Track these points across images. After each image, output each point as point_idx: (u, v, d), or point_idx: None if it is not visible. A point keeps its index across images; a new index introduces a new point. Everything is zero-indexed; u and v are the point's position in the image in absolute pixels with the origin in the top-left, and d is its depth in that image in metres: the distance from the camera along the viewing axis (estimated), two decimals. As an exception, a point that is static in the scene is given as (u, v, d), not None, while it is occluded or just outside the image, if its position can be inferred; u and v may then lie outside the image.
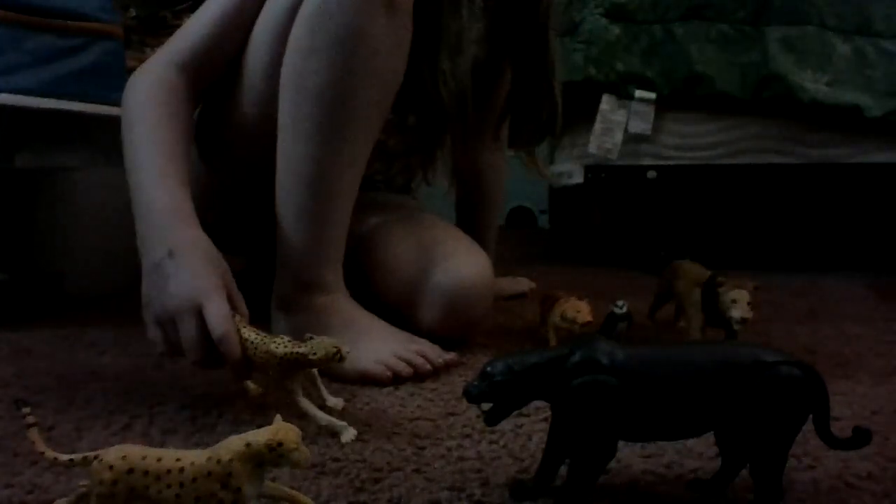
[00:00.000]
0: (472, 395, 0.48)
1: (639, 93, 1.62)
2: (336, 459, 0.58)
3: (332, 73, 0.80)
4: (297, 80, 0.81)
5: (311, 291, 0.85)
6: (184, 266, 0.69)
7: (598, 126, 1.64)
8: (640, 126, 1.63)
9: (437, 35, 0.97)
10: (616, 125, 1.64)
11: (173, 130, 0.83)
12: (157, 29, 2.00)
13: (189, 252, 0.71)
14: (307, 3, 0.81)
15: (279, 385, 0.64)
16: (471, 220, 1.31)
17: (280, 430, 0.42)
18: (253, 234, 0.80)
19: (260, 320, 0.86)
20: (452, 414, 0.69)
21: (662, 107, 1.63)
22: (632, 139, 1.65)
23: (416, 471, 0.56)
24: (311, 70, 0.80)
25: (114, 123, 1.33)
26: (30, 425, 0.46)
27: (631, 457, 0.58)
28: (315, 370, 0.67)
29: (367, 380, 0.78)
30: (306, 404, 0.63)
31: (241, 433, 0.43)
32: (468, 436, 0.63)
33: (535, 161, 1.19)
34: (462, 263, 0.94)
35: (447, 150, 1.15)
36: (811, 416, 0.47)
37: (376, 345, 0.80)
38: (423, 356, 0.82)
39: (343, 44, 0.79)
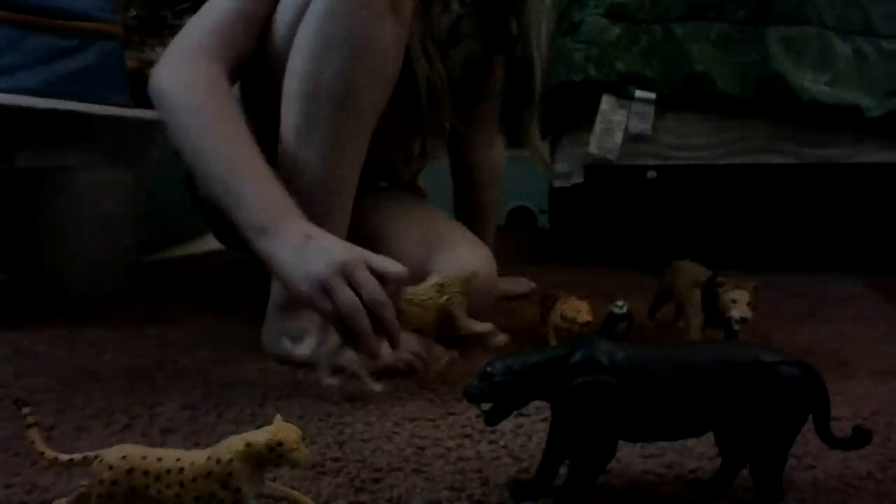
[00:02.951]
0: (472, 395, 0.48)
1: (639, 93, 1.62)
2: (336, 459, 0.58)
3: (343, 76, 0.82)
4: (308, 83, 0.83)
5: None
6: (328, 241, 0.73)
7: (598, 126, 1.64)
8: (640, 126, 1.63)
9: (429, 28, 0.98)
10: (616, 125, 1.63)
11: (238, 122, 0.83)
12: (157, 29, 2.00)
13: (325, 234, 0.74)
14: (315, 2, 0.83)
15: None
16: (468, 216, 1.31)
17: (280, 430, 0.42)
18: None
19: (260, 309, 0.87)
20: (452, 414, 0.69)
21: (662, 107, 1.63)
22: (632, 139, 1.65)
23: (416, 471, 0.56)
24: (323, 73, 0.82)
25: (114, 123, 1.34)
26: (30, 425, 0.46)
27: (631, 457, 0.58)
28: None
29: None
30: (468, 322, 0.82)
31: (241, 433, 0.43)
32: (468, 436, 0.63)
33: (536, 148, 1.18)
34: (465, 255, 0.94)
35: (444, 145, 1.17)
36: (811, 416, 0.47)
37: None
38: (421, 359, 0.83)
39: (353, 48, 0.82)
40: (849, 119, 1.59)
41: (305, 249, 0.72)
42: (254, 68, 0.94)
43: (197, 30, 0.91)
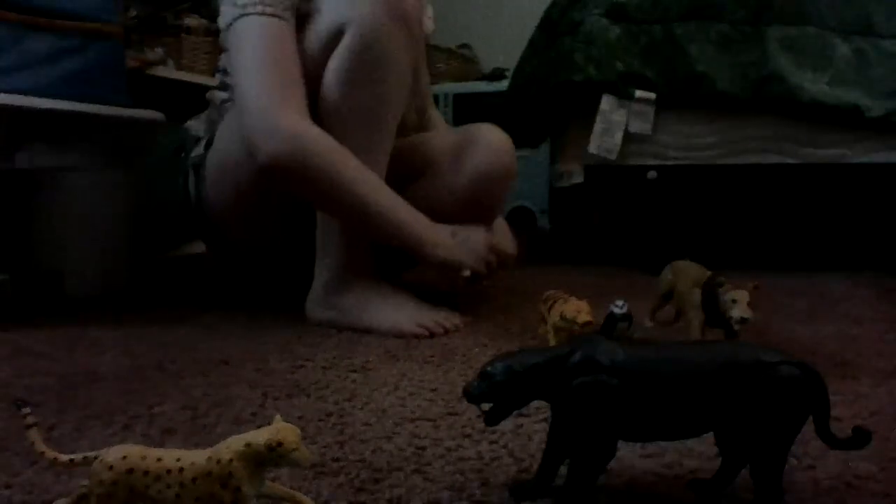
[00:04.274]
0: (472, 395, 0.48)
1: (639, 93, 1.62)
2: (336, 459, 0.58)
3: (373, 101, 1.01)
4: (343, 109, 1.00)
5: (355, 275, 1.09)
6: (464, 230, 1.08)
7: (598, 126, 1.64)
8: (640, 126, 1.63)
9: None
10: (616, 125, 1.63)
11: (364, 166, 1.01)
12: (157, 29, 2.00)
13: (457, 227, 1.07)
14: (346, 41, 0.98)
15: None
16: None
17: (280, 430, 0.42)
18: (300, 231, 1.11)
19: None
20: (452, 414, 0.69)
21: (662, 107, 1.63)
22: (632, 139, 1.65)
23: (416, 471, 0.56)
24: (356, 100, 1.00)
25: (113, 123, 1.34)
26: (30, 425, 0.46)
27: (631, 457, 0.58)
28: None
29: (404, 336, 1.01)
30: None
31: (241, 433, 0.43)
32: (468, 436, 0.63)
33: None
34: (493, 126, 1.19)
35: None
36: (811, 416, 0.47)
37: (408, 312, 1.06)
38: (440, 324, 1.04)
39: (380, 76, 0.99)
40: (849, 119, 1.59)
41: (456, 240, 1.05)
42: None
43: (276, 90, 0.98)
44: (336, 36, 0.99)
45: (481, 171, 1.14)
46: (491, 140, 1.16)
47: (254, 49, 0.98)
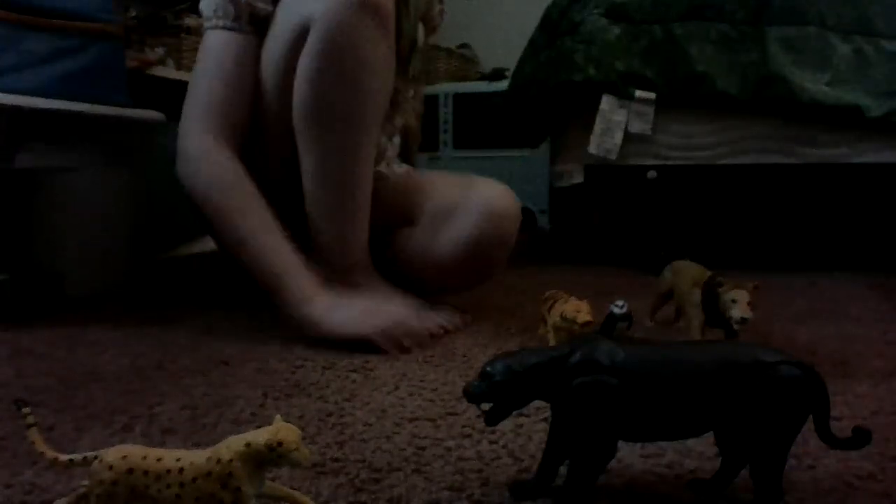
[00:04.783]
0: (472, 395, 0.48)
1: (639, 93, 1.62)
2: (336, 459, 0.58)
3: (348, 99, 0.95)
4: (319, 112, 0.96)
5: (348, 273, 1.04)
6: (390, 306, 0.97)
7: (598, 126, 1.64)
8: (640, 126, 1.63)
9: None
10: (616, 125, 1.64)
11: (264, 209, 0.99)
12: (157, 29, 2.00)
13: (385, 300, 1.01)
14: (312, 39, 0.93)
15: None
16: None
17: (280, 430, 0.42)
18: (296, 231, 1.02)
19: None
20: (452, 414, 0.69)
21: (662, 107, 1.63)
22: (632, 139, 1.65)
23: (416, 471, 0.56)
24: (329, 100, 0.95)
25: (114, 123, 1.34)
26: (30, 425, 0.46)
27: (631, 457, 0.58)
28: None
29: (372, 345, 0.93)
30: None
31: (241, 433, 0.43)
32: (468, 436, 0.63)
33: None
34: (497, 186, 1.09)
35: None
36: (811, 416, 0.47)
37: (391, 312, 0.96)
38: (440, 325, 1.01)
39: (352, 73, 0.94)
40: (849, 119, 1.59)
41: (368, 312, 0.94)
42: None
43: (196, 112, 1.01)
44: (302, 34, 0.95)
45: (471, 238, 1.04)
46: (486, 202, 1.05)
47: (197, 66, 1.04)
